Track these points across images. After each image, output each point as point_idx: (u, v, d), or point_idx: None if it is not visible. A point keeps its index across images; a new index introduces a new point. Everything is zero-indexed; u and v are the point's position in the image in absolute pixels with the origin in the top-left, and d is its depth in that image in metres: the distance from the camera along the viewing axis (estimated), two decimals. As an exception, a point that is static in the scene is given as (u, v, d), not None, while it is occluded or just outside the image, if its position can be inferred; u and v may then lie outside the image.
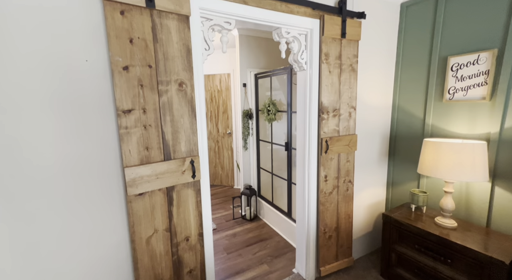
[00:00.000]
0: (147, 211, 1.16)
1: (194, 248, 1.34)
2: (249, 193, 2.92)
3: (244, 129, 2.96)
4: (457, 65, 1.71)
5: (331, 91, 1.73)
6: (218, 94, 3.97)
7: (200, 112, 1.29)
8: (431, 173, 1.60)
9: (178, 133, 1.21)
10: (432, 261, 1.62)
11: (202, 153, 1.32)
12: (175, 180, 1.21)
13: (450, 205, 1.65)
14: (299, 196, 1.92)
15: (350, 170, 1.92)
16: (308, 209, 1.84)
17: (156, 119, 1.14)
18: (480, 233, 1.57)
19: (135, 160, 1.10)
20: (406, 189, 2.16)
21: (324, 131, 1.75)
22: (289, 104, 2.34)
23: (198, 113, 1.28)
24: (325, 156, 1.78)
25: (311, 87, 1.69)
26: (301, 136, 1.83)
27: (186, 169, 1.24)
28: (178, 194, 1.25)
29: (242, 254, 2.33)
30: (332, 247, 1.94)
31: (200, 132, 1.30)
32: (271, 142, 2.75)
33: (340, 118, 1.80)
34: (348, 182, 1.93)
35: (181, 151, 1.23)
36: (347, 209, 1.97)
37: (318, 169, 1.80)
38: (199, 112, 1.29)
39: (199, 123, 1.29)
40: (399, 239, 1.83)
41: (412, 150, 2.08)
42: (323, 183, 1.81)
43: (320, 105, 1.71)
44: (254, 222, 2.95)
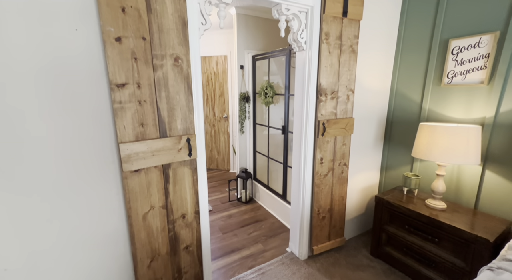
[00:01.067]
0: (143, 187, 1.16)
1: (190, 225, 1.36)
2: (245, 176, 2.94)
3: (241, 112, 2.93)
4: (457, 48, 1.69)
5: (330, 73, 1.70)
6: (215, 77, 3.89)
7: (196, 90, 1.26)
8: (425, 156, 1.63)
9: (174, 110, 1.19)
10: (420, 241, 1.69)
11: (199, 131, 1.30)
12: (171, 158, 1.21)
13: (441, 187, 1.69)
14: (294, 178, 1.94)
15: (345, 153, 1.94)
16: (303, 190, 1.87)
17: (151, 95, 1.11)
18: (468, 214, 1.62)
19: (130, 136, 1.09)
20: (399, 173, 2.20)
21: (321, 113, 1.74)
22: (287, 87, 2.31)
23: (195, 91, 1.26)
24: (321, 139, 1.78)
25: (310, 68, 1.66)
26: (299, 118, 1.82)
27: (182, 147, 1.23)
28: (175, 172, 1.24)
29: (237, 234, 2.39)
30: (325, 228, 2.00)
31: (197, 110, 1.28)
32: (267, 126, 2.74)
33: (338, 100, 1.79)
34: (343, 165, 1.96)
35: (177, 128, 1.21)
36: (341, 191, 2.00)
37: (314, 152, 1.81)
38: (196, 89, 1.26)
39: (196, 101, 1.27)
40: (390, 220, 1.88)
41: (407, 134, 2.10)
42: (319, 166, 1.83)
43: (319, 87, 1.69)
44: (249, 204, 3.00)
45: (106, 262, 1.18)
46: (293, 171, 1.95)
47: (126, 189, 1.12)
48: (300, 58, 1.73)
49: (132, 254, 1.20)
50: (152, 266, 1.27)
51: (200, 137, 1.31)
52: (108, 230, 1.16)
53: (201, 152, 1.33)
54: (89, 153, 1.05)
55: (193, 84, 1.24)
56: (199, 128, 1.30)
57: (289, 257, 2.03)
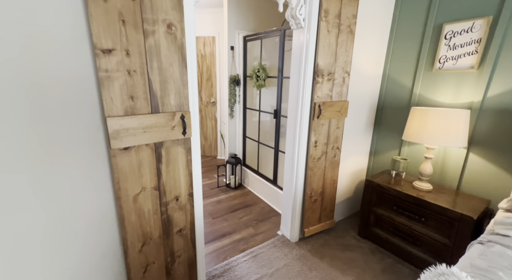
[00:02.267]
0: (133, 167, 1.07)
1: (184, 208, 1.29)
2: (234, 162, 2.89)
3: (231, 96, 2.83)
4: (451, 33, 1.71)
5: (328, 53, 1.66)
6: (202, 60, 3.72)
7: (191, 62, 1.16)
8: (416, 138, 1.66)
9: (167, 84, 1.09)
10: (407, 221, 1.76)
11: (193, 108, 1.22)
12: (164, 136, 1.12)
13: (428, 170, 1.75)
14: (288, 161, 1.92)
15: (339, 137, 1.94)
16: (297, 173, 1.86)
17: (142, 65, 1.01)
18: (451, 194, 1.70)
19: (118, 110, 0.98)
20: (387, 158, 2.26)
21: (317, 95, 1.71)
22: (281, 69, 2.25)
23: (189, 63, 1.16)
24: (316, 122, 1.76)
25: (308, 47, 1.60)
26: (294, 101, 1.78)
27: (176, 125, 1.15)
28: (167, 151, 1.16)
29: (227, 219, 2.36)
30: (316, 210, 2.02)
31: (191, 85, 1.19)
32: (259, 110, 2.68)
33: (334, 82, 1.76)
34: (336, 149, 1.96)
35: (170, 104, 1.12)
36: (332, 174, 2.02)
37: (309, 134, 1.79)
38: (190, 62, 1.16)
39: (190, 74, 1.17)
40: (379, 202, 1.94)
41: (397, 120, 2.14)
42: (313, 149, 1.82)
43: (316, 68, 1.64)
44: (238, 190, 2.97)
45: (92, 247, 1.09)
46: (286, 154, 1.93)
47: (115, 168, 1.02)
48: (297, 37, 1.66)
49: (122, 238, 1.12)
50: (144, 250, 1.20)
51: (195, 115, 1.23)
52: (95, 213, 1.07)
53: (195, 131, 1.25)
54: (71, 128, 0.94)
55: (187, 55, 1.14)
56: (194, 105, 1.22)
57: (281, 240, 2.04)
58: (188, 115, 1.17)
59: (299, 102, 1.73)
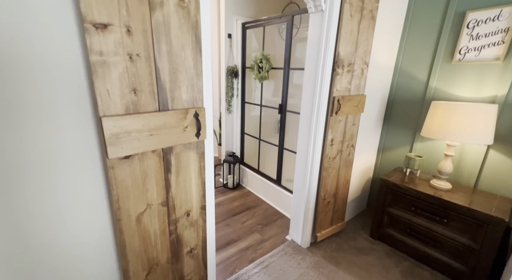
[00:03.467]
0: (137, 180, 0.84)
1: (195, 224, 1.08)
2: (232, 161, 2.67)
3: (228, 89, 2.59)
4: (474, 22, 1.60)
5: (349, 41, 1.48)
6: (192, 49, 3.40)
7: (206, 47, 0.93)
8: (438, 135, 1.56)
9: (178, 73, 0.85)
10: (427, 222, 1.67)
11: (208, 104, 0.99)
12: (174, 139, 0.89)
13: (448, 168, 1.66)
14: (300, 161, 1.75)
15: (354, 134, 1.80)
16: (311, 175, 1.70)
17: (147, 47, 0.76)
18: (472, 193, 1.63)
19: (117, 107, 0.74)
20: (397, 154, 2.17)
21: (336, 88, 1.54)
22: (287, 60, 2.04)
23: (204, 48, 0.92)
24: (334, 118, 1.59)
25: (329, 33, 1.41)
26: (309, 95, 1.59)
27: (189, 125, 0.92)
28: (178, 157, 0.93)
29: (230, 224, 2.17)
30: (329, 213, 1.89)
31: (206, 75, 0.96)
32: (260, 105, 2.47)
33: (353, 74, 1.60)
34: (351, 147, 1.82)
35: (181, 99, 0.88)
36: (346, 174, 1.89)
37: (326, 132, 1.62)
38: (205, 46, 0.93)
39: (205, 62, 0.94)
40: (394, 202, 1.84)
41: (409, 114, 2.04)
42: (329, 148, 1.66)
43: (336, 57, 1.46)
44: (237, 190, 2.77)
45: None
46: (298, 154, 1.76)
47: (114, 183, 0.78)
48: (316, 22, 1.46)
49: (123, 269, 0.89)
50: (149, 279, 0.98)
51: (209, 112, 1.00)
52: (87, 243, 0.82)
53: (210, 131, 1.03)
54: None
55: (202, 37, 0.90)
56: (208, 101, 0.99)
57: (291, 246, 1.89)
58: (202, 112, 0.95)
59: (315, 97, 1.54)
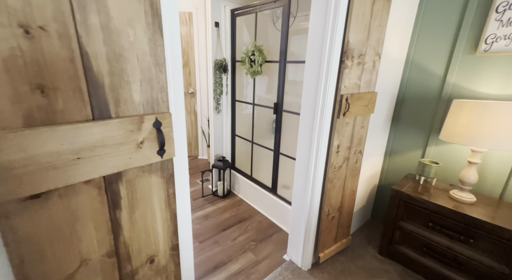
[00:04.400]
0: (59, 228, 0.54)
1: (164, 271, 0.79)
2: (222, 166, 2.39)
3: (216, 86, 2.28)
4: (505, 5, 1.35)
5: (361, 26, 1.21)
6: (176, 41, 3.06)
7: (170, 23, 0.63)
8: (465, 140, 1.31)
9: (125, 62, 0.55)
10: (448, 241, 1.43)
11: (177, 108, 0.70)
12: (122, 161, 0.60)
13: (473, 177, 1.42)
14: (300, 171, 1.48)
15: (362, 138, 1.54)
16: (313, 187, 1.43)
17: (62, 16, 0.46)
18: (501, 207, 1.40)
19: (8, 116, 0.44)
20: (406, 159, 1.93)
21: (345, 85, 1.26)
22: (284, 51, 1.76)
23: (168, 24, 0.63)
24: (341, 120, 1.32)
25: (337, 16, 1.13)
26: (311, 93, 1.32)
27: (146, 139, 0.63)
28: (131, 186, 0.64)
29: (219, 241, 1.89)
30: (333, 229, 1.63)
31: (172, 66, 0.66)
32: (252, 103, 2.18)
33: (363, 67, 1.33)
34: (359, 153, 1.56)
35: (132, 101, 0.59)
36: (352, 184, 1.63)
37: (331, 137, 1.35)
38: (169, 22, 0.63)
39: (170, 47, 0.65)
40: (407, 215, 1.60)
41: (421, 114, 1.79)
42: (334, 155, 1.39)
43: (346, 46, 1.18)
44: (228, 198, 2.49)
45: None
46: (297, 162, 1.48)
47: (12, 240, 0.49)
48: (320, 3, 1.18)
49: None
50: None
51: (179, 118, 0.71)
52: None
53: (181, 145, 0.74)
54: None
55: (163, 10, 0.60)
56: (177, 102, 0.70)
57: (290, 268, 1.63)
58: (168, 120, 0.66)
59: (319, 95, 1.27)
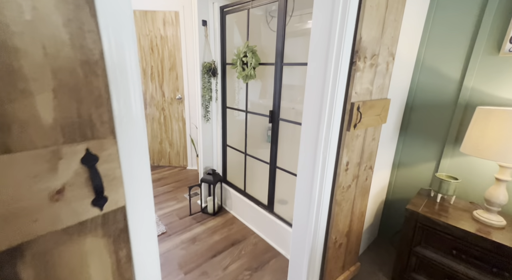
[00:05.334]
0: None
1: None
2: (212, 180, 2.14)
3: (205, 91, 2.05)
4: (535, 0, 1.17)
5: (375, 21, 1.00)
6: (162, 42, 2.83)
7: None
8: (494, 155, 1.11)
9: (16, 55, 0.31)
10: (477, 272, 1.22)
11: (130, 128, 0.46)
12: (19, 228, 0.35)
13: (502, 197, 1.22)
14: (301, 192, 1.25)
15: (373, 151, 1.32)
16: (317, 212, 1.20)
17: None
18: (536, 232, 1.21)
19: None
20: (416, 172, 1.73)
21: (356, 91, 1.05)
22: (280, 52, 1.54)
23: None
24: (351, 133, 1.11)
25: (347, 6, 0.92)
26: (315, 100, 1.10)
27: (69, 185, 0.38)
28: (45, 262, 0.39)
29: (207, 271, 1.63)
30: (340, 257, 1.40)
31: (119, 62, 0.42)
32: (245, 111, 1.95)
33: (376, 70, 1.12)
34: (369, 169, 1.35)
35: (38, 124, 0.35)
36: (362, 205, 1.41)
37: (339, 153, 1.13)
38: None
39: (113, 30, 0.41)
40: (425, 240, 1.38)
41: (433, 122, 1.60)
42: (343, 174, 1.17)
43: (357, 44, 0.97)
44: (219, 216, 2.23)
45: None
46: (299, 183, 1.25)
47: None
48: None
49: None
50: None
51: (136, 143, 0.47)
52: None
53: (139, 183, 0.49)
54: None
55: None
56: (131, 120, 0.45)
57: (291, 305, 1.39)
58: (109, 151, 0.41)
59: (325, 103, 1.05)
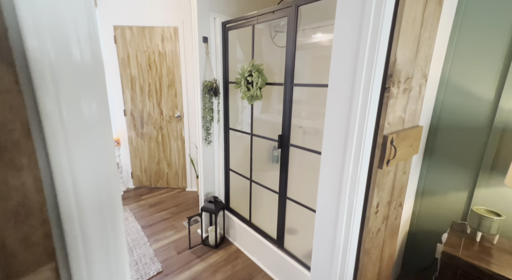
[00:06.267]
0: None
1: None
2: (213, 209, 1.93)
3: (206, 112, 1.88)
4: None
5: (410, 38, 0.84)
6: (160, 59, 2.69)
7: None
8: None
9: None
10: None
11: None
12: None
13: (562, 241, 1.03)
14: (321, 239, 1.05)
15: (404, 186, 1.13)
16: (343, 263, 0.99)
17: None
18: None
19: None
20: (443, 202, 1.53)
21: (388, 121, 0.87)
22: (290, 72, 1.38)
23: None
24: (383, 171, 0.92)
25: (380, 24, 0.75)
26: (338, 133, 0.92)
27: None
28: None
29: (210, 322, 1.40)
30: (367, 312, 1.18)
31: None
32: (250, 134, 1.77)
33: (409, 95, 0.95)
34: (399, 206, 1.15)
35: None
36: (391, 247, 1.21)
37: (368, 194, 0.94)
38: None
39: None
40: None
41: (463, 147, 1.42)
42: (373, 217, 0.98)
43: (391, 67, 0.81)
44: (221, 249, 2.00)
45: None
46: (318, 226, 1.05)
47: None
48: (352, 6, 0.81)
49: None
50: None
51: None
52: None
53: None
54: None
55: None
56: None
57: None
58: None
59: (351, 136, 0.87)
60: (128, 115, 2.86)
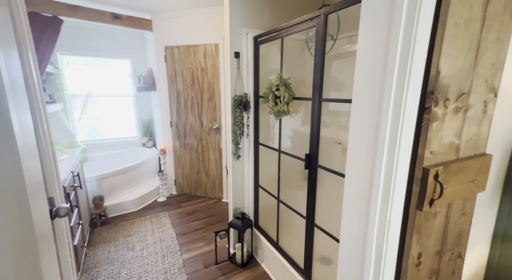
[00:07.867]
0: None
1: None
2: (240, 226, 1.87)
3: (236, 126, 1.86)
4: None
5: (462, 44, 0.64)
6: (202, 74, 2.84)
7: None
8: None
9: None
10: None
11: None
12: None
13: None
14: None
15: (464, 232, 0.87)
16: (370, 323, 0.79)
17: None
18: None
19: None
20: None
21: (431, 150, 0.67)
22: (318, 85, 1.25)
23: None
24: (425, 213, 0.71)
25: (415, 27, 0.59)
26: (362, 162, 0.75)
27: None
28: None
29: None
30: None
31: None
32: (278, 150, 1.67)
33: (466, 115, 0.72)
34: (457, 258, 0.88)
35: None
36: (444, 309, 0.92)
37: (405, 241, 0.74)
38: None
39: None
40: None
41: None
42: (413, 270, 0.76)
43: (432, 81, 0.62)
44: (248, 269, 1.92)
45: None
46: (341, 274, 0.88)
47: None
48: (379, 7, 0.66)
49: None
50: None
51: None
52: None
53: None
54: None
55: None
56: None
57: None
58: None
59: (378, 168, 0.69)
60: (173, 126, 3.09)
